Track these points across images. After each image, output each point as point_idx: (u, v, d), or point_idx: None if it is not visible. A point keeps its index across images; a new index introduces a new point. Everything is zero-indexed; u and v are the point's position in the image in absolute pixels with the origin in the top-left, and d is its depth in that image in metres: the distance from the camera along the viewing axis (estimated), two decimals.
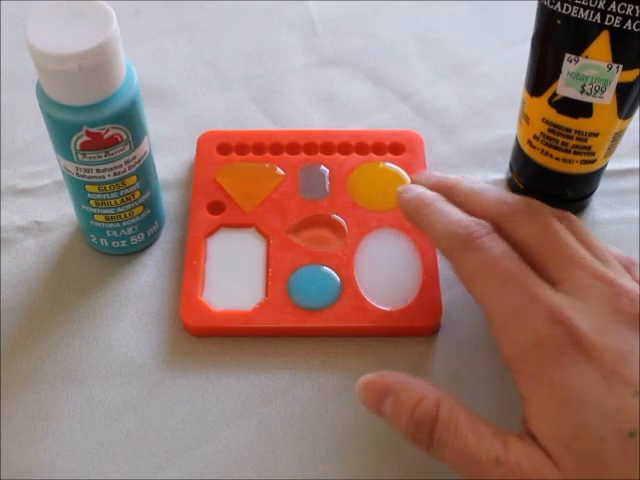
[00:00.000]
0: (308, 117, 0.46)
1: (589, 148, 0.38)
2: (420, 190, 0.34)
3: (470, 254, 0.30)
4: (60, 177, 0.37)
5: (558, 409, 0.27)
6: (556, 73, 0.36)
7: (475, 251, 0.30)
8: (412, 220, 0.34)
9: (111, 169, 0.35)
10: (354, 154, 0.42)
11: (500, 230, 0.31)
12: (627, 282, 0.29)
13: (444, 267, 0.33)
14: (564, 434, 0.27)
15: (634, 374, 0.27)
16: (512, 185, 0.42)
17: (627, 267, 0.32)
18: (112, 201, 0.36)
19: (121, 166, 0.35)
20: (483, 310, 0.30)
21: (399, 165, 0.42)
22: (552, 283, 0.30)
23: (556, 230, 0.31)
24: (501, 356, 0.29)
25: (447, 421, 0.28)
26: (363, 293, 0.37)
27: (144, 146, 0.35)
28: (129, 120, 0.34)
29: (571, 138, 0.37)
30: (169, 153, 0.44)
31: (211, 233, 0.39)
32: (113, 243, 0.38)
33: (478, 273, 0.30)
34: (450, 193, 0.34)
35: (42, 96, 0.33)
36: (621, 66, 0.34)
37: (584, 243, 0.31)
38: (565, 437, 0.27)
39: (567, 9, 0.34)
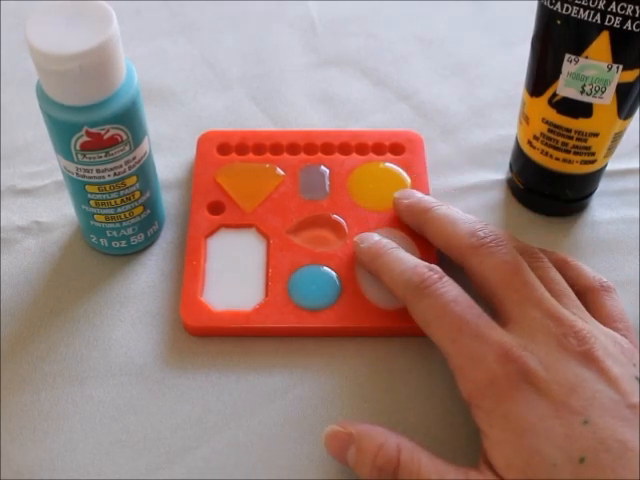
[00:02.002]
0: (308, 117, 0.46)
1: (589, 148, 0.38)
2: (375, 239, 0.37)
3: (424, 300, 0.32)
4: (60, 177, 0.37)
5: (512, 440, 0.29)
6: (556, 73, 0.36)
7: (428, 297, 0.32)
8: (369, 270, 0.36)
9: (111, 169, 0.35)
10: (354, 154, 0.42)
11: (467, 262, 0.34)
12: (577, 320, 0.31)
13: (444, 267, 0.33)
14: (519, 462, 0.28)
15: (582, 405, 0.29)
16: (512, 185, 0.42)
17: (598, 290, 0.34)
18: (112, 201, 0.36)
19: (121, 166, 0.35)
20: (443, 353, 0.32)
21: (399, 165, 0.42)
22: (507, 320, 0.32)
23: (517, 266, 0.33)
24: (462, 395, 0.31)
25: (409, 465, 0.29)
26: (363, 293, 0.37)
27: (144, 146, 0.35)
28: (129, 120, 0.34)
29: (571, 138, 0.37)
30: (169, 153, 0.44)
31: (211, 233, 0.39)
32: (113, 243, 0.38)
33: (433, 320, 0.32)
34: (425, 217, 0.36)
35: (42, 96, 0.33)
36: (621, 66, 0.34)
37: (543, 278, 0.33)
38: (520, 465, 0.28)
39: (567, 9, 0.34)
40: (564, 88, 0.36)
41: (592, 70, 0.35)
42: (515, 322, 0.31)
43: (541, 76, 0.37)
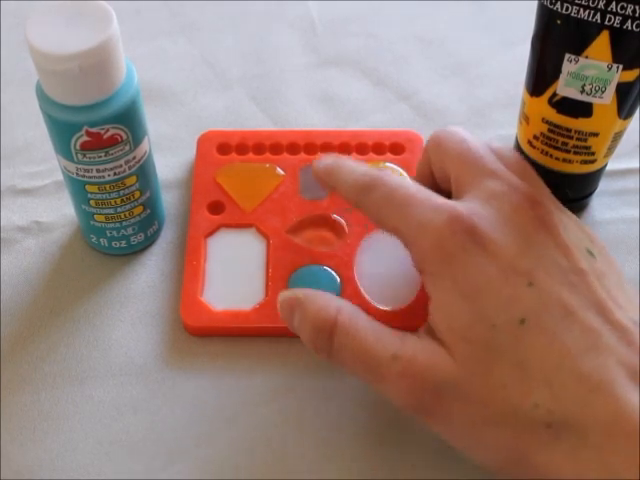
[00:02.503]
0: (308, 117, 0.46)
1: (589, 148, 0.38)
2: (333, 157, 0.36)
3: (373, 193, 0.32)
4: (60, 177, 0.37)
5: (456, 302, 0.28)
6: (556, 73, 0.36)
7: (377, 189, 0.32)
8: (327, 187, 0.36)
9: (111, 169, 0.35)
10: (354, 154, 0.42)
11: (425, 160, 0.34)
12: (534, 191, 0.31)
13: None
14: (459, 324, 0.28)
15: (529, 267, 0.28)
16: None
17: None
18: (112, 201, 0.36)
19: (121, 166, 0.35)
20: (399, 239, 0.31)
21: (399, 165, 0.42)
22: (462, 194, 0.31)
23: (472, 143, 0.32)
24: (415, 266, 0.30)
25: (346, 325, 0.30)
26: (363, 293, 0.37)
27: (144, 146, 0.35)
28: (129, 120, 0.34)
29: (571, 138, 0.37)
30: (169, 153, 0.44)
31: (211, 233, 0.39)
32: (113, 243, 0.38)
33: (382, 208, 0.31)
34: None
35: (42, 96, 0.33)
36: (621, 66, 0.34)
37: (504, 158, 0.33)
38: (460, 327, 0.28)
39: (567, 9, 0.34)
40: (564, 88, 0.36)
41: (592, 70, 0.35)
42: (469, 193, 0.31)
43: (541, 76, 0.37)
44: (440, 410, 0.28)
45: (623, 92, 0.35)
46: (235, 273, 0.38)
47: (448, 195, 0.32)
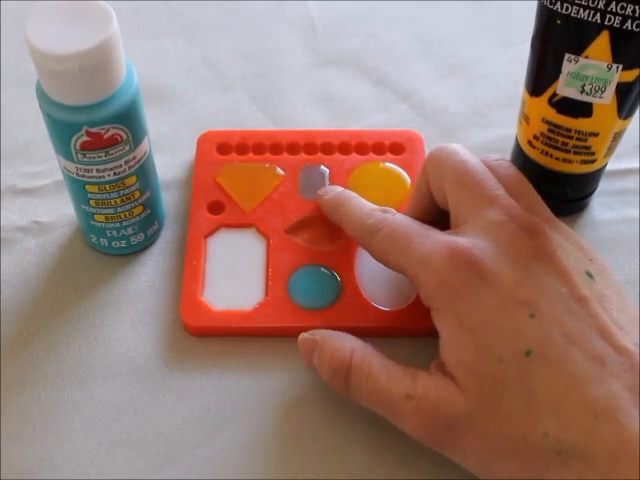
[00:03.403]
0: (308, 117, 0.46)
1: (589, 148, 0.38)
2: (338, 190, 0.38)
3: (377, 235, 0.33)
4: (60, 177, 0.37)
5: (462, 336, 0.29)
6: (556, 73, 0.36)
7: (380, 231, 0.33)
8: (332, 220, 0.37)
9: (111, 169, 0.35)
10: (354, 154, 0.42)
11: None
12: (531, 215, 0.31)
13: None
14: (467, 359, 0.29)
15: (530, 298, 0.29)
16: None
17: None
18: (112, 201, 0.36)
19: (121, 166, 0.35)
20: (406, 277, 0.32)
21: (399, 165, 0.42)
22: (461, 222, 0.32)
23: (471, 165, 0.33)
24: (423, 303, 0.31)
25: (360, 366, 0.31)
26: (363, 293, 0.37)
27: (144, 146, 0.35)
28: (129, 120, 0.34)
29: (571, 138, 0.37)
30: (169, 153, 0.44)
31: (211, 233, 0.39)
32: (113, 243, 0.38)
33: (387, 249, 0.32)
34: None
35: (42, 96, 0.33)
36: (621, 66, 0.34)
37: (503, 177, 0.33)
38: (468, 362, 0.29)
39: (567, 9, 0.34)
40: (564, 88, 0.36)
41: (592, 70, 0.35)
42: (468, 222, 0.31)
43: (541, 76, 0.37)
44: (454, 443, 0.29)
45: (623, 92, 0.35)
46: (235, 273, 0.38)
47: (446, 215, 0.33)
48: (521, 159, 0.40)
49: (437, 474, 0.32)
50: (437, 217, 0.34)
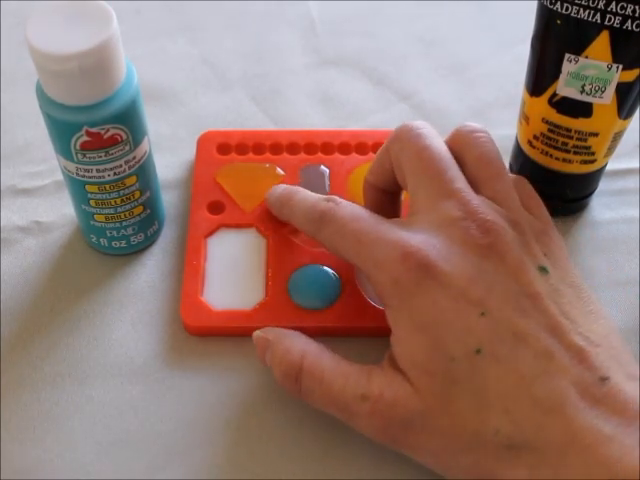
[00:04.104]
0: (308, 117, 0.46)
1: (589, 148, 0.38)
2: (281, 188, 0.38)
3: (325, 230, 0.33)
4: (60, 177, 0.37)
5: (414, 336, 0.29)
6: (556, 73, 0.36)
7: (328, 225, 0.32)
8: (282, 219, 0.37)
9: (111, 169, 0.35)
10: (354, 154, 0.42)
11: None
12: (487, 211, 0.30)
13: None
14: (419, 358, 0.29)
15: (481, 296, 0.29)
16: None
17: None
18: (112, 201, 0.36)
19: (121, 166, 0.35)
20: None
21: None
22: (416, 211, 0.32)
23: (433, 153, 0.32)
24: (378, 299, 0.31)
25: (312, 370, 0.31)
26: (363, 293, 0.37)
27: (144, 146, 0.36)
28: (129, 120, 0.34)
29: (571, 138, 0.37)
30: (169, 153, 0.44)
31: (211, 233, 0.39)
32: (113, 243, 0.38)
33: (337, 243, 0.32)
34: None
35: (42, 96, 0.33)
36: (621, 66, 0.34)
37: (474, 158, 0.32)
38: (420, 361, 0.29)
39: (567, 9, 0.34)
40: (564, 88, 0.36)
41: (592, 70, 0.35)
42: (423, 213, 0.31)
43: (541, 76, 0.37)
44: (409, 442, 0.29)
45: (623, 92, 0.35)
46: (235, 273, 0.38)
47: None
48: (521, 159, 0.40)
49: (438, 474, 0.32)
50: (395, 188, 0.35)
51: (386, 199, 0.36)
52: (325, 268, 0.38)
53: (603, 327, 0.30)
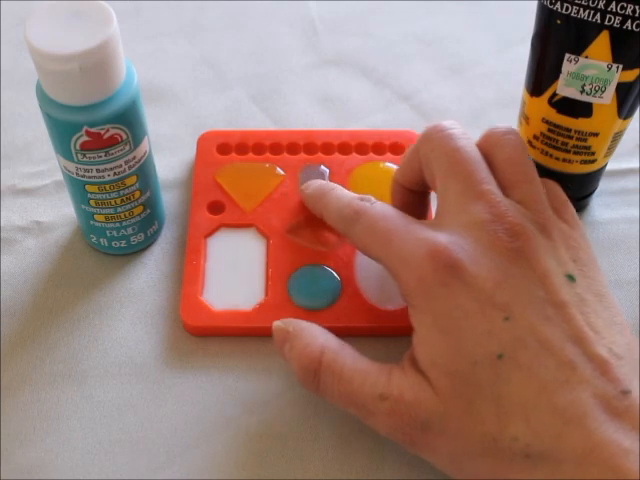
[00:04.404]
0: (308, 117, 0.46)
1: (589, 148, 0.38)
2: (318, 183, 0.38)
3: (357, 226, 0.32)
4: (60, 177, 0.37)
5: (437, 337, 0.29)
6: (556, 73, 0.36)
7: (360, 223, 0.32)
8: (316, 213, 0.37)
9: (111, 169, 0.35)
10: (354, 154, 0.42)
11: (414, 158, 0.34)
12: (516, 214, 0.30)
13: None
14: (442, 360, 0.29)
15: (506, 301, 0.28)
16: None
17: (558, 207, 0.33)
18: (112, 201, 0.36)
19: (121, 166, 0.35)
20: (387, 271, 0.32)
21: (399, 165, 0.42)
22: (445, 213, 0.31)
23: (463, 154, 0.32)
24: (402, 298, 0.31)
25: (331, 366, 0.30)
26: (363, 293, 0.37)
27: (144, 146, 0.36)
28: (129, 120, 0.34)
29: (571, 138, 0.37)
30: (169, 153, 0.44)
31: (211, 233, 0.39)
32: (113, 243, 0.38)
33: (367, 240, 0.32)
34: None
35: (42, 96, 0.33)
36: (621, 66, 0.34)
37: (503, 161, 0.32)
38: (443, 362, 0.29)
39: (567, 9, 0.34)
40: (564, 88, 0.36)
41: (592, 70, 0.35)
42: (452, 214, 0.31)
43: (541, 76, 0.37)
44: (426, 443, 0.29)
45: (623, 92, 0.35)
46: (235, 273, 0.38)
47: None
48: None
49: (437, 474, 0.32)
50: (423, 189, 0.35)
51: (415, 199, 0.36)
52: (325, 268, 0.38)
53: (626, 339, 0.29)
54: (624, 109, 0.36)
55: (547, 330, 0.28)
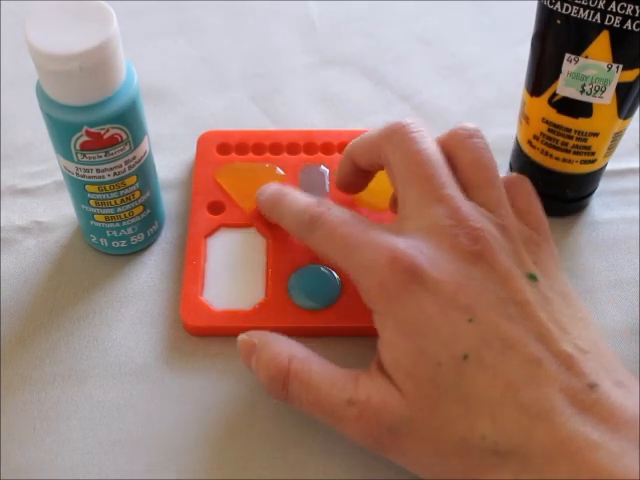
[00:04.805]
0: (308, 117, 0.46)
1: (589, 148, 0.38)
2: (272, 188, 0.37)
3: (315, 233, 0.32)
4: (60, 177, 0.37)
5: (401, 341, 0.29)
6: (556, 73, 0.36)
7: (318, 229, 0.32)
8: (272, 221, 0.37)
9: (111, 169, 0.35)
10: None
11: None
12: (477, 218, 0.30)
13: None
14: (405, 363, 0.29)
15: (468, 302, 0.28)
16: None
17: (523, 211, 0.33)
18: (112, 201, 0.36)
19: (121, 166, 0.35)
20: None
21: None
22: (406, 216, 0.31)
23: (426, 156, 0.32)
24: (365, 304, 0.31)
25: (299, 374, 0.30)
26: None
27: (144, 146, 0.36)
28: (129, 120, 0.34)
29: (571, 138, 0.37)
30: (169, 153, 0.44)
31: (211, 233, 0.39)
32: (113, 243, 0.38)
33: (326, 248, 0.32)
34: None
35: (42, 96, 0.33)
36: (621, 66, 0.34)
37: (467, 163, 0.32)
38: (407, 365, 0.29)
39: (567, 9, 0.34)
40: (564, 88, 0.36)
41: (592, 70, 0.35)
42: (412, 219, 0.31)
43: (541, 76, 0.37)
44: (395, 447, 0.29)
45: (623, 92, 0.35)
46: (235, 273, 0.38)
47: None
48: (521, 159, 0.40)
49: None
50: (372, 170, 0.36)
51: (361, 176, 0.37)
52: (325, 268, 0.38)
53: (592, 334, 0.30)
54: (624, 109, 0.36)
55: (511, 329, 0.28)
